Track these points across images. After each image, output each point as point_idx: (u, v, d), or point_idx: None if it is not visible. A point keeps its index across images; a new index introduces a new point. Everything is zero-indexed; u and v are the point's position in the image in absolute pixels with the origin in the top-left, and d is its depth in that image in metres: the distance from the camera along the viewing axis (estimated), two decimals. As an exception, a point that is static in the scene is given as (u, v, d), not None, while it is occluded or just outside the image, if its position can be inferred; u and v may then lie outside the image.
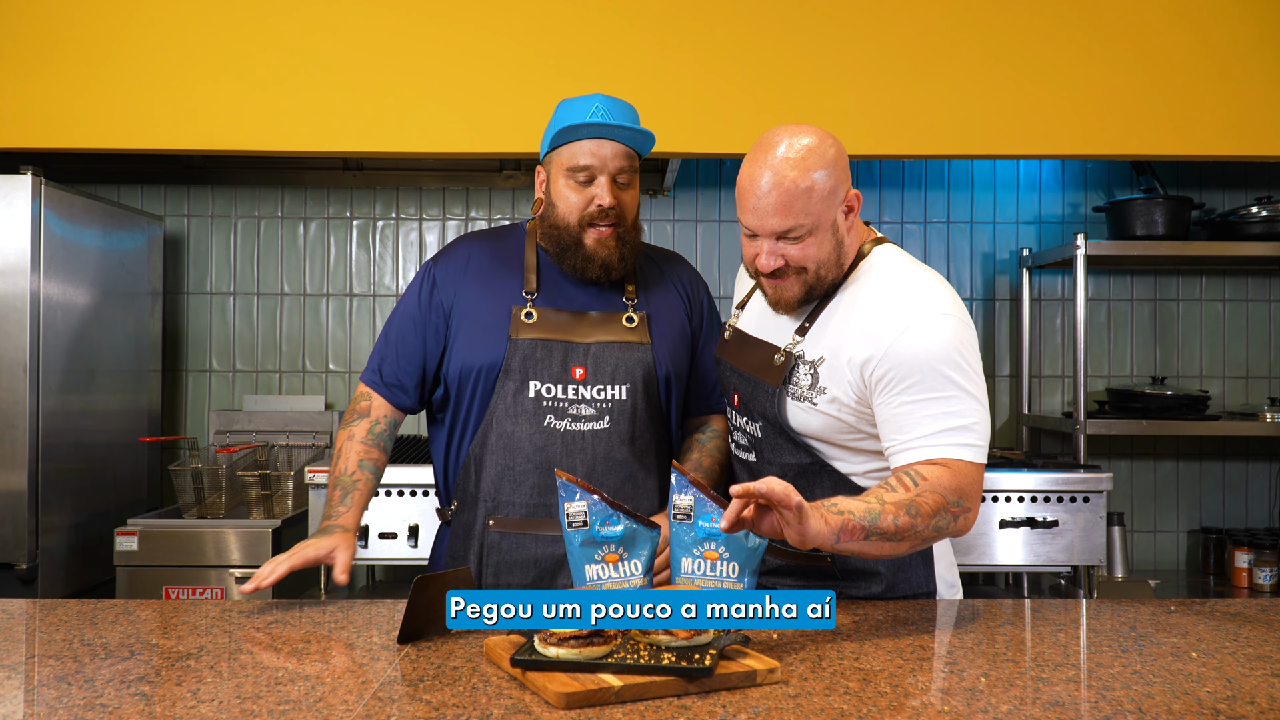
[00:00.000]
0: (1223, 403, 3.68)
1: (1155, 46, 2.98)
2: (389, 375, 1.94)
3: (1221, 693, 1.29)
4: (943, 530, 1.56)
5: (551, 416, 1.85)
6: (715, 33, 2.95)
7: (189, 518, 3.01)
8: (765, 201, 1.63)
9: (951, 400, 1.59)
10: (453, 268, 1.95)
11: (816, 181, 1.62)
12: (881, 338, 1.62)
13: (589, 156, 1.84)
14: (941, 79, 2.96)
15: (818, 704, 1.24)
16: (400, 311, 1.97)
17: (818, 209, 1.63)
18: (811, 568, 1.80)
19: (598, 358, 1.87)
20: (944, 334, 1.60)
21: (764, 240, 1.66)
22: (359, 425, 1.93)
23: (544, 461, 1.84)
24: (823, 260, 1.68)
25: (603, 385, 1.86)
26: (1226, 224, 3.41)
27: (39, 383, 2.82)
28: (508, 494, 1.86)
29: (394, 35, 2.93)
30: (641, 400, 1.89)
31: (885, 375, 1.61)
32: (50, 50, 2.89)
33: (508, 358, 1.85)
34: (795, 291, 1.70)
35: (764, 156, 1.64)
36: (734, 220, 3.68)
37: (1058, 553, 2.96)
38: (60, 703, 1.24)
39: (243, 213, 3.65)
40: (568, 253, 1.88)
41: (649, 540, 1.53)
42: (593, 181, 1.85)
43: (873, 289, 1.69)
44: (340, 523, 1.82)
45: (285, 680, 1.32)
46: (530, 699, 1.25)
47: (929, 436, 1.58)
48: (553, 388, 1.85)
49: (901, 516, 1.50)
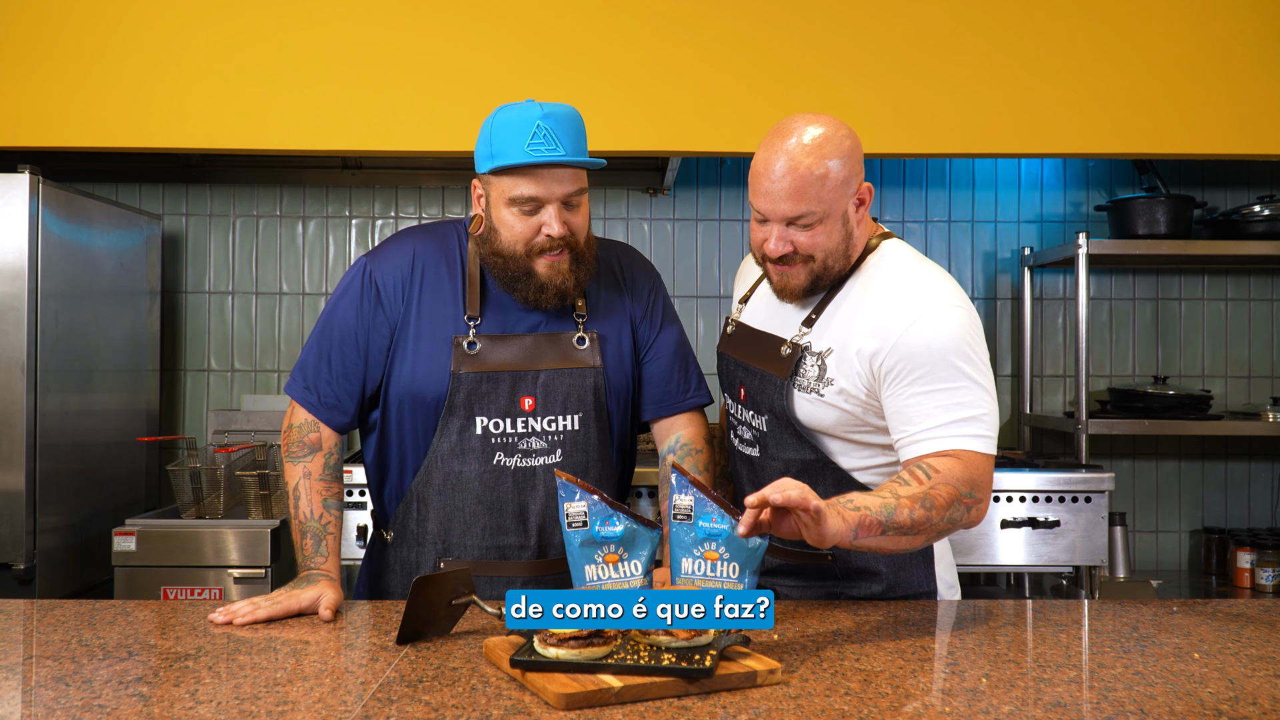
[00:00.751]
0: (1225, 402, 3.67)
1: (1157, 45, 2.97)
2: (327, 395, 1.78)
3: (1224, 694, 1.29)
4: (956, 522, 1.56)
5: (501, 454, 1.75)
6: (715, 30, 2.94)
7: (187, 518, 3.00)
8: (778, 186, 1.63)
9: (961, 391, 1.59)
10: (397, 277, 1.77)
11: (831, 170, 1.63)
12: (890, 329, 1.62)
13: (532, 187, 1.67)
14: (943, 77, 2.96)
15: (819, 705, 1.23)
16: (337, 321, 1.78)
17: (830, 197, 1.64)
18: (811, 566, 1.79)
19: (547, 386, 1.76)
20: (953, 325, 1.61)
21: (774, 225, 1.67)
22: (314, 461, 1.77)
23: (494, 502, 1.74)
24: (831, 250, 1.68)
25: (554, 415, 1.76)
26: (1229, 223, 3.41)
27: (37, 382, 2.81)
28: (458, 535, 1.76)
29: (393, 32, 2.92)
30: (594, 428, 1.79)
31: (894, 367, 1.61)
32: (47, 48, 2.88)
33: (451, 392, 1.72)
34: (801, 280, 1.70)
35: (780, 142, 1.64)
36: (735, 219, 3.68)
37: (1059, 553, 2.95)
38: (58, 703, 1.24)
39: (241, 211, 3.64)
40: (518, 283, 1.73)
41: (649, 540, 1.52)
42: (539, 210, 1.69)
43: (881, 282, 1.69)
44: (322, 571, 1.72)
45: (284, 681, 1.32)
46: (530, 700, 1.24)
47: (939, 428, 1.58)
48: (500, 422, 1.74)
49: (917, 510, 1.50)
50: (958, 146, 2.99)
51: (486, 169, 1.71)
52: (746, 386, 1.80)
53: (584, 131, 1.73)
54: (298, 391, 1.80)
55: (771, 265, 1.72)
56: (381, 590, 1.85)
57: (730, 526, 1.49)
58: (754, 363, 1.79)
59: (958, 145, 2.99)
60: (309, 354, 1.80)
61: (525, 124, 1.66)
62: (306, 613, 1.65)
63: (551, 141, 1.66)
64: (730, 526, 1.49)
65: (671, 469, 1.52)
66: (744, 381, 1.81)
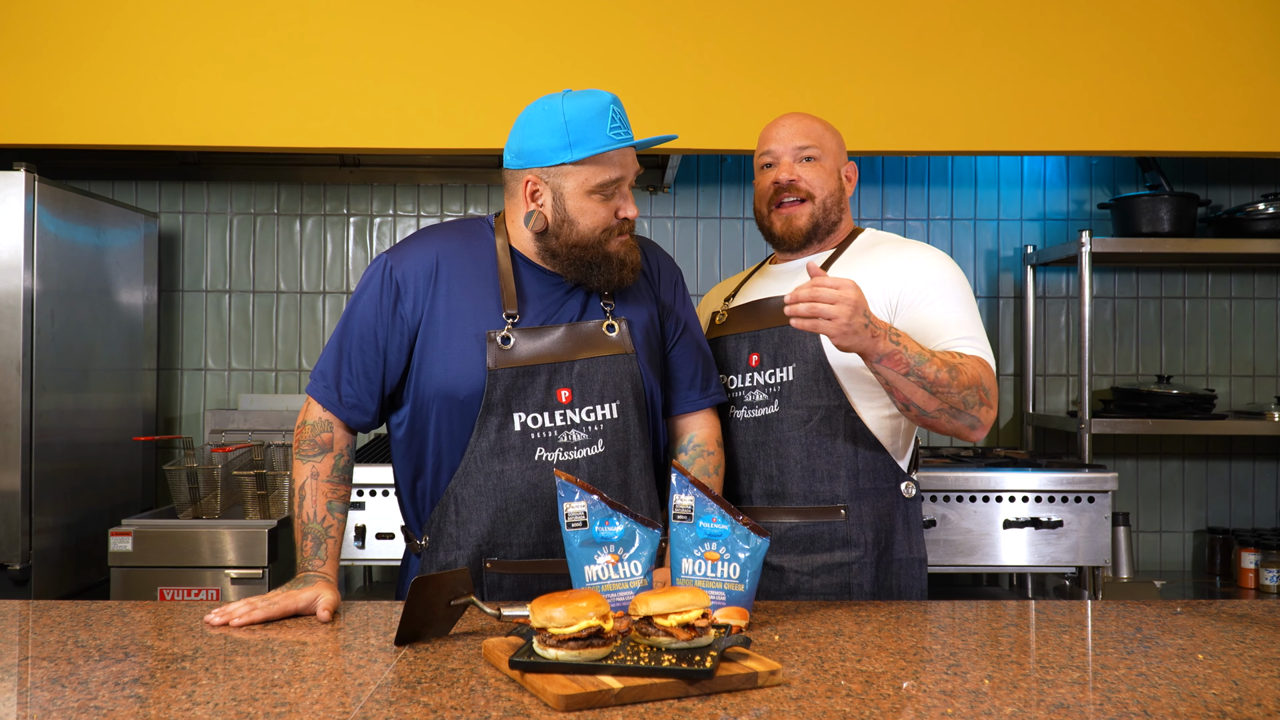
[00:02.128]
0: (1229, 402, 3.67)
1: (1161, 41, 2.96)
2: (348, 395, 1.78)
3: (1228, 695, 1.29)
4: (969, 406, 1.75)
5: (542, 449, 1.73)
6: (716, 27, 2.94)
7: (184, 518, 2.99)
8: (788, 129, 1.98)
9: (968, 314, 1.85)
10: (419, 274, 1.76)
11: (827, 131, 2.00)
12: (903, 266, 1.89)
13: (619, 168, 1.72)
14: (945, 74, 2.95)
15: (820, 706, 1.23)
16: (357, 319, 1.78)
17: (829, 146, 1.98)
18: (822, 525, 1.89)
19: (583, 376, 1.75)
20: (955, 268, 1.91)
21: (783, 159, 1.97)
22: (322, 462, 1.77)
23: (539, 499, 1.72)
24: (829, 193, 1.97)
25: (591, 405, 1.75)
26: (1233, 221, 3.40)
27: (32, 381, 2.80)
28: (503, 536, 1.74)
29: (392, 29, 2.91)
30: (633, 416, 1.78)
31: (912, 291, 1.85)
32: (42, 45, 2.87)
33: (488, 390, 1.71)
34: (804, 220, 1.96)
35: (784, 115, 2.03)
36: (735, 217, 3.67)
37: (1062, 553, 2.94)
38: (54, 705, 1.23)
39: (238, 209, 3.63)
40: (594, 268, 1.74)
41: (649, 541, 1.52)
42: (617, 193, 1.73)
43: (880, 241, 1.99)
44: (320, 573, 1.71)
45: (281, 682, 1.31)
46: (529, 701, 1.24)
47: (958, 340, 1.80)
48: (539, 416, 1.73)
49: (943, 372, 1.70)
50: (960, 144, 2.98)
51: (566, 160, 1.70)
52: (761, 350, 1.94)
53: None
54: (319, 391, 1.80)
55: (777, 212, 1.98)
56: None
57: (731, 527, 1.49)
58: (766, 325, 1.95)
59: (960, 143, 2.98)
60: (329, 353, 1.80)
61: (602, 111, 1.70)
62: (304, 614, 1.64)
63: (625, 124, 1.73)
64: (731, 527, 1.49)
65: (672, 469, 1.52)
66: (755, 348, 1.95)
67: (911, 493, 1.92)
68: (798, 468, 1.89)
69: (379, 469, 2.85)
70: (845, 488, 1.88)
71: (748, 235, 3.67)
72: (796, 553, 1.90)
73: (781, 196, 1.96)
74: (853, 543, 1.89)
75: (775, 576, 1.90)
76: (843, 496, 1.88)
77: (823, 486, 1.89)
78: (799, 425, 1.89)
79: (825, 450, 1.88)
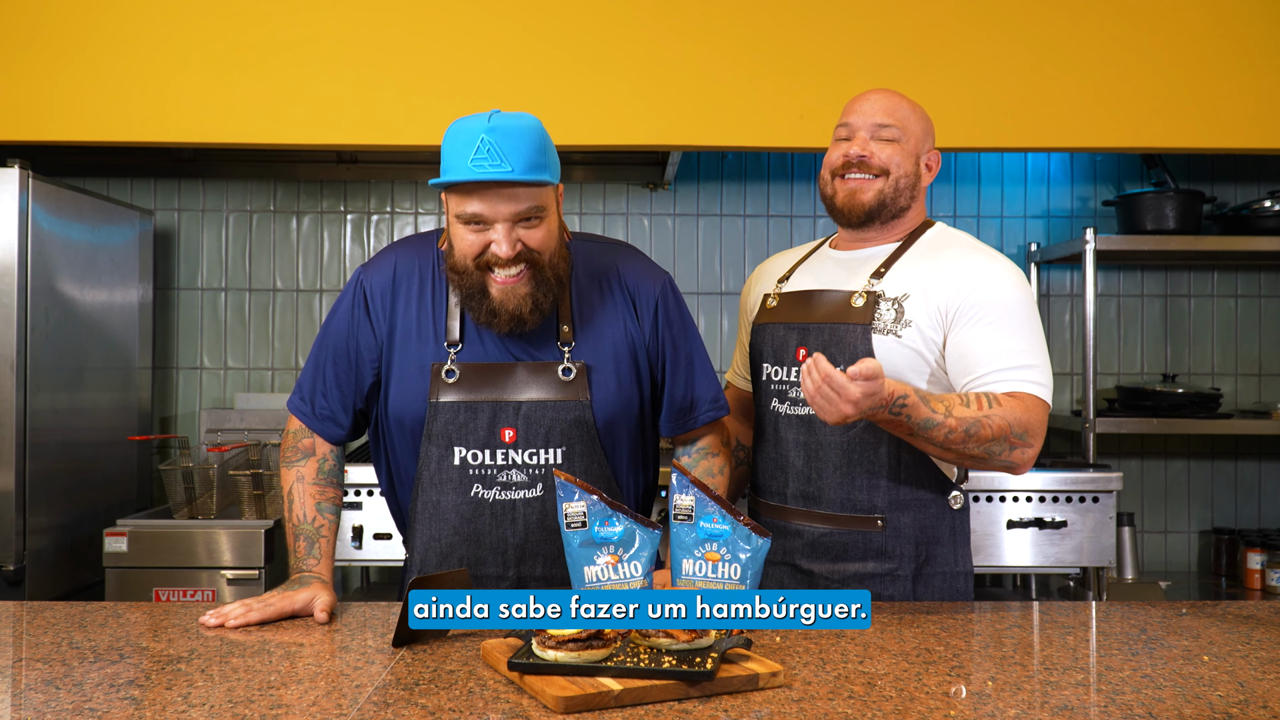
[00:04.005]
0: (1235, 401, 3.65)
1: (1166, 37, 2.94)
2: (321, 408, 1.79)
3: (1234, 697, 1.28)
4: (994, 456, 1.69)
5: (479, 486, 1.71)
6: (718, 21, 2.92)
7: (180, 518, 2.98)
8: (871, 103, 1.89)
9: (1026, 339, 1.75)
10: (383, 287, 1.75)
11: (914, 113, 1.90)
12: (966, 277, 1.78)
13: (477, 205, 1.59)
14: (948, 71, 2.93)
15: (821, 708, 1.23)
16: (332, 331, 1.79)
17: (912, 128, 1.88)
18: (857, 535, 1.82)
19: (529, 418, 1.70)
20: (1023, 283, 1.81)
21: (858, 135, 1.86)
22: (306, 466, 1.79)
23: (471, 534, 1.72)
24: (902, 175, 1.86)
25: (535, 449, 1.70)
26: (1239, 218, 3.38)
27: (26, 380, 2.79)
28: (434, 565, 1.75)
29: (389, 24, 2.89)
30: (580, 462, 1.72)
31: (970, 309, 1.76)
32: (36, 40, 2.85)
33: (428, 421, 1.70)
34: (870, 196, 1.85)
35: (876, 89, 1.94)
36: (736, 215, 3.65)
37: (1066, 554, 2.94)
38: (48, 707, 1.23)
39: (234, 206, 3.62)
40: (473, 300, 1.66)
41: (650, 542, 1.50)
42: (489, 228, 1.61)
43: (953, 242, 1.88)
44: (315, 574, 1.71)
45: (278, 684, 1.31)
46: (528, 703, 1.24)
47: (1007, 370, 1.73)
48: (479, 454, 1.70)
49: (956, 433, 1.65)
50: (963, 141, 2.96)
51: (438, 181, 1.62)
52: (809, 345, 1.86)
53: (543, 144, 1.61)
54: (294, 403, 1.83)
55: (842, 181, 1.87)
56: None
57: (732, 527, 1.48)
58: (818, 319, 1.86)
59: (963, 139, 2.96)
60: (307, 366, 1.83)
61: (470, 138, 1.57)
62: (300, 615, 1.64)
63: (496, 157, 1.56)
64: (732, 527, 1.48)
65: (673, 469, 1.52)
66: (803, 341, 1.87)
67: (959, 504, 1.84)
68: (836, 474, 1.82)
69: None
70: (884, 498, 1.81)
71: (749, 233, 3.65)
72: (828, 559, 1.84)
73: (850, 170, 1.86)
74: (888, 554, 1.81)
75: (804, 581, 1.86)
76: (880, 507, 1.81)
77: (860, 495, 1.81)
78: (842, 430, 1.81)
79: (867, 458, 1.81)
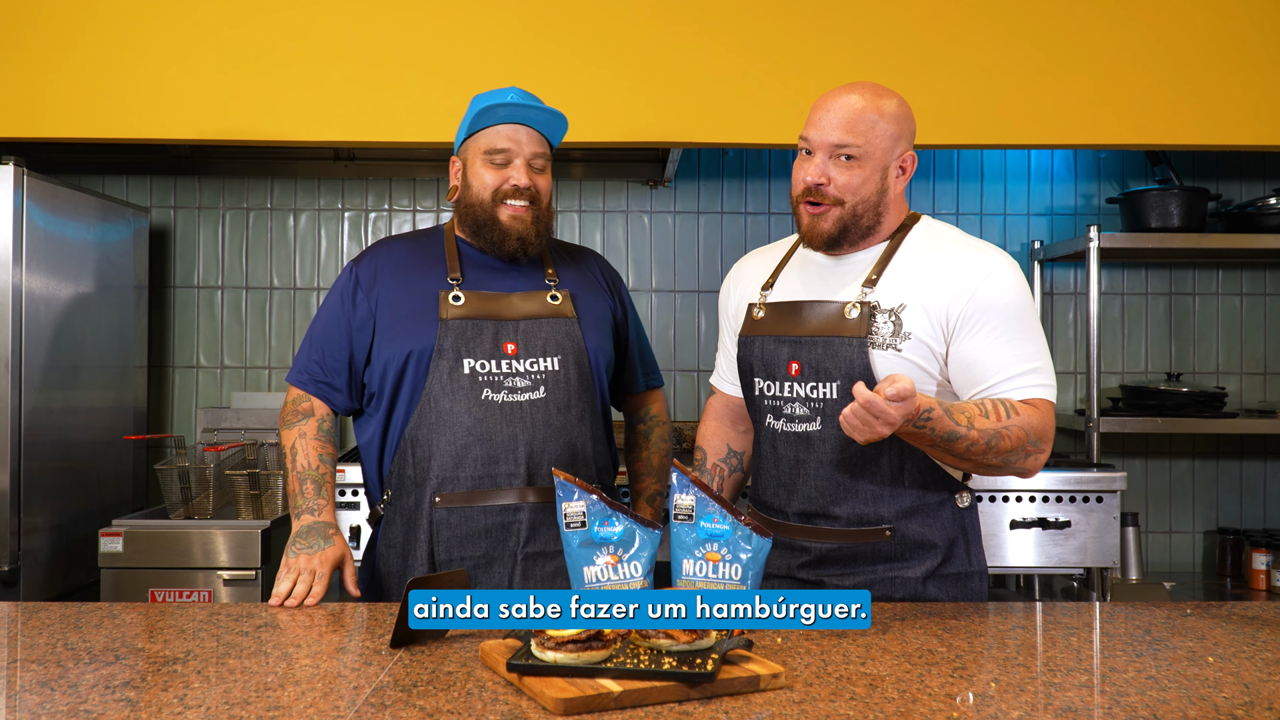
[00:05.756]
0: (1240, 400, 3.64)
1: (1171, 33, 2.93)
2: (318, 374, 1.99)
3: (1239, 698, 1.28)
4: (1009, 464, 1.69)
5: (488, 390, 1.90)
6: (718, 18, 2.91)
7: (175, 518, 2.96)
8: (831, 116, 1.77)
9: (1031, 342, 1.73)
10: (375, 265, 2.01)
11: (883, 119, 1.76)
12: (965, 281, 1.73)
13: (505, 140, 1.94)
14: (950, 67, 2.92)
15: (823, 710, 1.22)
16: (325, 312, 2.01)
17: (876, 142, 1.76)
18: (865, 547, 1.78)
19: (527, 333, 1.94)
20: (1021, 283, 1.75)
21: (816, 155, 1.77)
22: (307, 424, 1.97)
23: (485, 434, 1.88)
24: (863, 199, 1.77)
25: (535, 357, 1.93)
26: (1244, 215, 3.38)
27: (21, 379, 2.77)
28: (450, 470, 1.89)
29: (387, 19, 2.88)
30: (573, 370, 1.96)
31: (971, 316, 1.71)
32: (30, 35, 2.83)
33: (439, 339, 1.90)
34: (828, 225, 1.78)
35: (846, 86, 1.81)
36: (737, 212, 3.64)
37: (1070, 554, 2.93)
38: (43, 708, 1.23)
39: (231, 204, 3.61)
40: (484, 228, 1.96)
41: (650, 542, 1.50)
42: (509, 164, 1.94)
43: (943, 243, 1.80)
44: (325, 519, 1.89)
45: (275, 686, 1.31)
46: (527, 704, 1.24)
47: (1017, 377, 1.70)
48: (486, 363, 1.91)
49: (978, 445, 1.63)
50: (965, 138, 2.96)
51: (465, 134, 1.99)
52: (802, 359, 1.80)
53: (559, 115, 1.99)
54: (292, 375, 2.02)
55: (805, 209, 1.80)
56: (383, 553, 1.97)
57: (732, 527, 1.48)
58: (810, 332, 1.80)
59: (965, 136, 2.95)
60: (303, 346, 2.03)
61: (501, 94, 1.97)
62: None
63: (529, 98, 1.97)
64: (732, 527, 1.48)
65: (673, 469, 1.53)
66: (795, 355, 1.81)
67: (966, 502, 1.82)
68: (841, 490, 1.78)
69: (373, 468, 2.82)
70: (891, 509, 1.77)
71: (749, 230, 3.63)
72: (837, 569, 1.81)
73: (809, 196, 1.80)
74: (898, 559, 1.79)
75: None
76: (888, 518, 1.77)
77: (867, 509, 1.77)
78: (843, 447, 1.76)
79: (871, 472, 1.77)
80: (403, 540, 1.92)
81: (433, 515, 1.88)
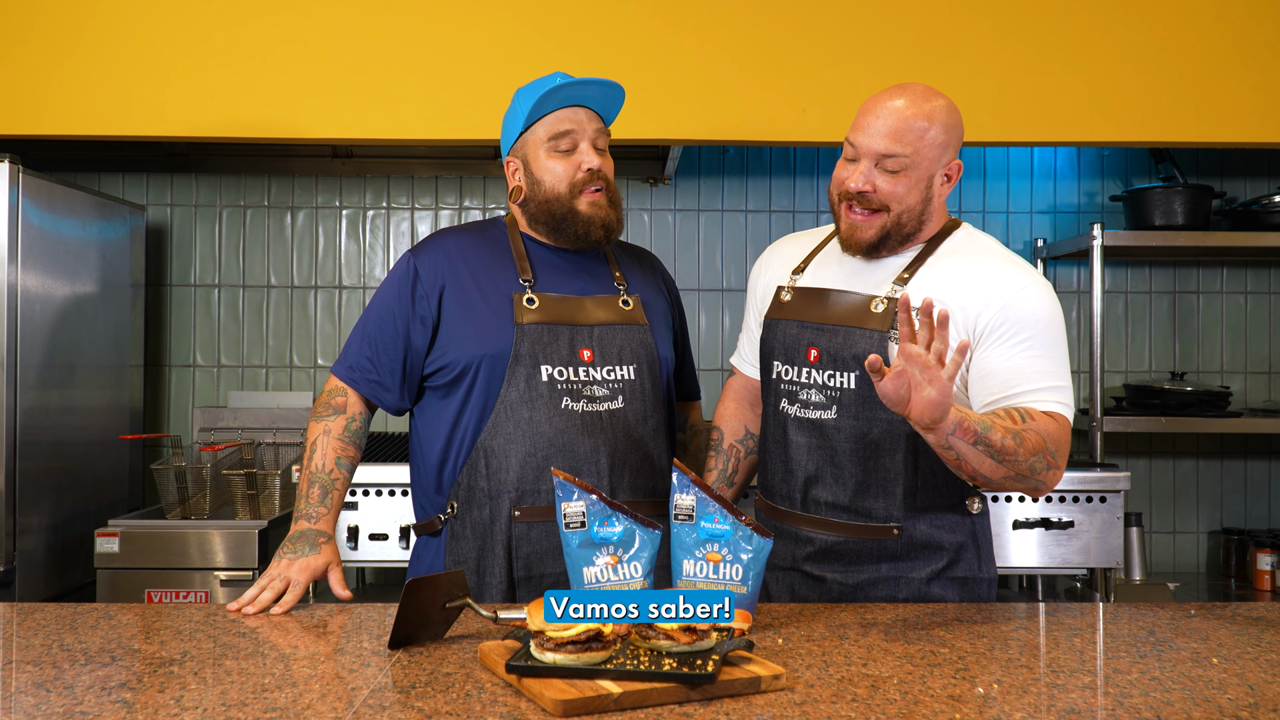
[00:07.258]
0: (1245, 399, 3.62)
1: (1175, 30, 2.92)
2: (368, 371, 1.90)
3: (1243, 700, 1.27)
4: (1036, 472, 1.63)
5: (567, 399, 1.84)
6: (719, 15, 2.90)
7: (172, 518, 2.96)
8: (879, 123, 1.72)
9: (1056, 360, 1.72)
10: (436, 258, 1.92)
11: (932, 127, 1.72)
12: (999, 292, 1.72)
13: (568, 122, 1.88)
14: (953, 64, 2.90)
15: (824, 711, 1.22)
16: (379, 304, 1.92)
17: (923, 151, 1.72)
18: (871, 543, 1.78)
19: (603, 339, 1.88)
20: (1054, 304, 1.75)
21: (862, 162, 1.74)
22: (335, 421, 1.89)
23: (566, 445, 1.82)
24: (907, 207, 1.75)
25: (611, 366, 1.87)
26: (1249, 213, 3.36)
27: (16, 379, 2.76)
28: (532, 483, 1.81)
29: (386, 17, 2.87)
30: (648, 380, 1.90)
31: (1000, 326, 1.70)
32: (26, 32, 2.82)
33: (516, 343, 1.83)
34: (871, 233, 1.76)
35: (896, 89, 1.76)
36: (738, 210, 3.63)
37: (1073, 554, 2.91)
38: (39, 710, 1.23)
39: (228, 202, 3.60)
40: (564, 224, 1.88)
41: (650, 542, 1.50)
42: (575, 149, 1.88)
43: (981, 251, 1.80)
44: (320, 528, 1.82)
45: (272, 687, 1.31)
46: (526, 706, 1.23)
47: (1039, 391, 1.68)
48: (564, 370, 1.85)
49: (1009, 439, 1.58)
50: (969, 135, 2.86)
51: (523, 126, 1.90)
52: (821, 346, 1.79)
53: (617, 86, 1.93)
54: (340, 369, 1.94)
55: (845, 211, 1.78)
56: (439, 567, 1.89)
57: (733, 527, 1.48)
58: (833, 320, 1.80)
59: (969, 134, 2.86)
60: (352, 338, 1.94)
61: (548, 79, 1.89)
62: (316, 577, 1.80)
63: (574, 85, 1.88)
64: (733, 527, 1.48)
65: (673, 469, 1.52)
66: (816, 342, 1.80)
67: (978, 508, 1.81)
68: (851, 481, 1.78)
69: (373, 469, 2.83)
70: (900, 507, 1.77)
71: (750, 228, 3.62)
72: (841, 564, 1.81)
73: (852, 201, 1.77)
74: (903, 558, 1.78)
75: (816, 586, 1.82)
76: (897, 516, 1.77)
77: (876, 504, 1.77)
78: (857, 438, 1.76)
79: (883, 466, 1.77)
80: (476, 556, 1.83)
81: (511, 530, 1.81)
